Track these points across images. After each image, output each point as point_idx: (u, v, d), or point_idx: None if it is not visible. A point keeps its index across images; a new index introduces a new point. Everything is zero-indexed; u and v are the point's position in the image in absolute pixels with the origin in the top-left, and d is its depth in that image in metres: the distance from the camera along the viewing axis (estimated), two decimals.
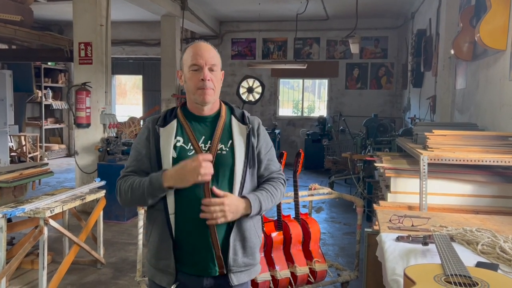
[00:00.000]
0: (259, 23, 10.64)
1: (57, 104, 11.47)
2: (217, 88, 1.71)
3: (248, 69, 10.41)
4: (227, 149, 1.70)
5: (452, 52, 4.71)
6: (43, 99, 10.92)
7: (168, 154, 1.67)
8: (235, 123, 1.75)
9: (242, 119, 1.77)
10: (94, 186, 4.24)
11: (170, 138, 1.70)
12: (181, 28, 8.80)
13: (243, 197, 1.66)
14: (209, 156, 1.60)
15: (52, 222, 3.45)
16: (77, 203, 3.79)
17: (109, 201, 4.41)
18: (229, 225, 1.67)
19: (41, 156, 10.42)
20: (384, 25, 10.32)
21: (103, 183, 4.34)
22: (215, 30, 10.78)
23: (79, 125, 6.07)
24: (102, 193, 4.15)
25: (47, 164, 4.49)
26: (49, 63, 11.01)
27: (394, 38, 10.43)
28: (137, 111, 12.47)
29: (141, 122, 8.85)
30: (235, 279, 1.68)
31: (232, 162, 1.69)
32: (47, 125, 11.35)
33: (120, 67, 12.05)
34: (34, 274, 3.88)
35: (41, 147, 10.73)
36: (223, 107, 1.79)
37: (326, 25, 10.39)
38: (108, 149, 5.88)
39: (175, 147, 1.69)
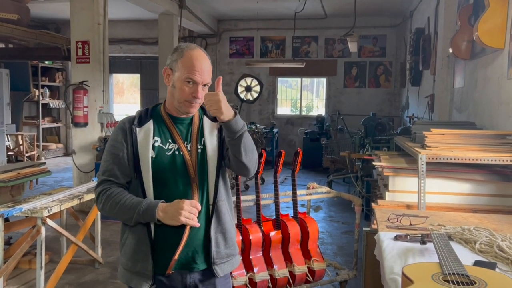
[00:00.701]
0: (257, 21, 10.63)
1: (54, 103, 11.45)
2: (202, 101, 1.71)
3: (246, 68, 10.41)
4: (201, 147, 1.75)
5: (451, 50, 4.72)
6: (40, 98, 10.90)
7: (147, 154, 1.68)
8: (206, 122, 1.78)
9: (213, 117, 1.76)
10: (92, 185, 4.24)
11: (148, 138, 1.70)
12: (179, 26, 8.80)
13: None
14: (197, 205, 1.62)
15: (49, 222, 3.44)
16: (75, 202, 3.78)
17: None
18: (208, 219, 1.70)
19: (38, 156, 10.41)
20: (382, 24, 10.33)
21: None
22: (213, 28, 10.78)
23: (76, 124, 6.07)
24: None
25: (44, 163, 4.49)
26: (46, 62, 10.99)
27: (393, 36, 10.44)
28: (135, 110, 12.46)
29: None
30: (219, 270, 1.72)
31: (206, 159, 1.73)
32: (44, 124, 11.33)
33: (118, 65, 12.04)
34: (32, 274, 3.87)
35: (38, 146, 10.72)
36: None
37: (325, 24, 10.39)
38: None
39: (153, 147, 1.69)
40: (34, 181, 4.23)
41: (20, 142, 9.95)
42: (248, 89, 10.42)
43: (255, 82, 10.36)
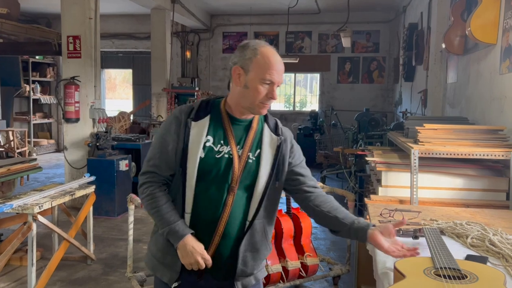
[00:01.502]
0: (250, 16, 10.60)
1: (45, 99, 11.36)
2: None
3: None
4: (253, 159, 1.64)
5: (444, 46, 4.73)
6: (31, 93, 10.80)
7: (196, 153, 1.59)
8: (266, 132, 1.68)
9: (275, 129, 1.71)
10: (84, 182, 4.22)
11: (201, 136, 1.61)
12: (171, 21, 8.75)
13: None
14: (209, 263, 1.59)
15: (40, 218, 3.42)
16: (67, 198, 3.76)
17: (99, 196, 4.39)
18: (241, 234, 1.64)
19: (29, 152, 10.32)
20: (375, 19, 10.34)
21: (92, 178, 4.31)
22: (206, 23, 10.73)
23: (68, 120, 6.03)
24: (92, 188, 4.12)
25: (35, 159, 4.46)
26: (37, 57, 10.89)
27: (386, 32, 10.46)
28: (127, 105, 12.41)
29: (131, 117, 8.80)
30: (240, 285, 1.68)
31: (256, 172, 1.63)
32: (35, 120, 11.24)
33: (110, 61, 11.96)
34: (23, 270, 3.86)
35: (29, 142, 10.63)
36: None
37: (318, 19, 10.38)
38: (97, 144, 5.84)
39: (204, 146, 1.60)
40: (25, 178, 4.21)
41: (11, 138, 9.85)
42: None
43: None
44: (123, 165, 5.75)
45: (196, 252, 1.56)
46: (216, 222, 1.61)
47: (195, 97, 8.29)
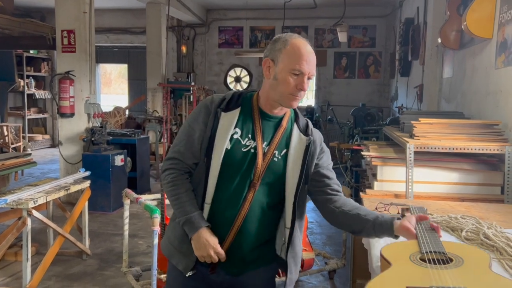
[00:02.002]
0: (246, 11, 10.56)
1: (40, 94, 11.30)
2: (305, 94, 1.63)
3: (236, 58, 10.35)
4: (279, 157, 1.62)
5: (439, 40, 4.74)
6: (26, 88, 10.74)
7: (223, 143, 1.57)
8: (296, 132, 1.65)
9: (305, 130, 1.67)
10: (79, 177, 4.21)
11: (229, 127, 1.58)
12: (167, 15, 8.70)
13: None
14: (222, 256, 1.58)
15: (35, 213, 3.41)
16: (61, 193, 3.75)
17: (94, 191, 4.38)
18: (258, 231, 1.64)
19: (24, 147, 10.28)
20: (372, 14, 10.33)
21: (87, 173, 4.30)
22: (201, 18, 10.69)
23: (62, 115, 6.00)
24: (87, 183, 4.11)
25: (30, 154, 4.44)
26: (31, 51, 10.82)
27: (382, 26, 10.45)
28: (122, 100, 12.36)
29: (126, 112, 8.78)
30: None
31: (283, 172, 1.62)
32: (30, 115, 11.18)
33: (105, 55, 11.90)
34: (18, 266, 3.84)
35: (24, 137, 10.58)
36: (288, 110, 1.69)
37: (314, 14, 10.36)
38: (92, 139, 5.82)
39: (231, 138, 1.59)
40: (19, 173, 4.19)
41: (5, 133, 9.80)
42: (238, 79, 10.39)
43: (244, 72, 10.35)
44: (119, 160, 5.74)
45: (209, 245, 1.55)
46: (235, 216, 1.59)
47: (191, 92, 8.26)
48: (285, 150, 1.63)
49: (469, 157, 3.06)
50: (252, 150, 1.60)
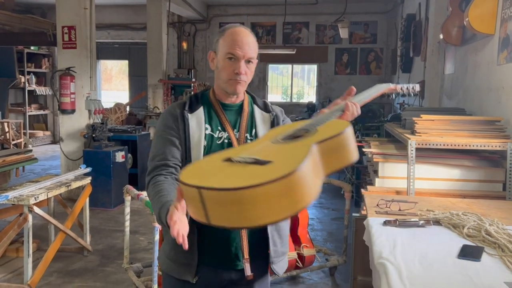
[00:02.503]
0: (247, 7, 10.53)
1: (41, 90, 11.29)
2: (249, 80, 1.65)
3: None
4: (252, 138, 1.67)
5: (441, 36, 4.72)
6: (26, 84, 10.73)
7: (199, 142, 1.60)
8: (257, 111, 1.72)
9: (265, 108, 1.74)
10: (80, 173, 4.21)
11: (201, 126, 1.63)
12: (167, 11, 8.68)
13: None
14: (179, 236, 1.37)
15: (36, 209, 3.42)
16: (63, 190, 3.76)
17: (95, 188, 4.38)
18: None
19: (25, 143, 10.29)
20: (373, 10, 10.29)
21: (88, 169, 4.30)
22: (202, 14, 10.66)
23: (63, 111, 6.00)
24: (88, 180, 4.11)
25: (31, 150, 4.44)
26: (32, 48, 10.81)
27: (384, 23, 10.42)
28: (123, 97, 12.34)
29: (127, 108, 8.78)
30: (278, 269, 1.68)
31: None
32: (31, 111, 11.18)
33: (106, 51, 11.88)
34: (19, 262, 3.85)
35: (25, 134, 10.59)
36: (246, 96, 1.74)
37: (315, 9, 10.33)
38: (93, 135, 5.82)
39: (204, 135, 1.62)
40: (20, 169, 4.20)
41: (6, 129, 9.80)
42: None
43: None
44: (120, 156, 5.74)
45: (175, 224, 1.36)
46: None
47: (192, 88, 8.26)
48: (254, 130, 1.69)
49: (471, 153, 3.05)
50: (226, 140, 1.65)
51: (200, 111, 1.66)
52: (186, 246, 1.31)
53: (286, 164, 1.09)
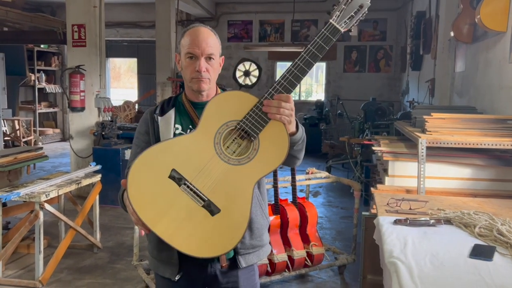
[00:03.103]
0: (255, 4, 10.53)
1: (50, 88, 11.38)
2: (213, 77, 1.67)
3: (245, 52, 10.34)
4: None
5: (452, 34, 4.68)
6: (36, 82, 10.83)
7: None
8: None
9: None
10: (90, 170, 4.24)
11: (169, 126, 1.67)
12: (176, 9, 8.70)
13: None
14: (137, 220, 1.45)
15: (47, 207, 3.46)
16: (73, 187, 3.79)
17: (105, 185, 4.41)
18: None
19: (35, 141, 10.38)
20: (383, 7, 10.23)
21: (98, 167, 4.34)
22: (211, 11, 10.67)
23: (73, 109, 6.04)
24: (98, 177, 4.15)
25: (41, 148, 4.48)
26: (41, 46, 10.90)
27: (393, 20, 10.36)
28: (132, 94, 12.41)
29: (136, 106, 8.82)
30: (243, 261, 1.67)
31: None
32: (40, 109, 11.28)
33: (115, 49, 11.95)
34: (31, 258, 3.90)
35: (35, 131, 10.69)
36: (219, 91, 1.76)
37: (324, 7, 10.27)
38: (103, 133, 5.86)
39: (174, 134, 1.66)
40: (31, 166, 4.24)
41: (17, 127, 9.91)
42: (247, 73, 10.37)
43: (253, 66, 10.32)
44: (129, 154, 5.77)
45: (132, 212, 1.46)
46: None
47: None
48: None
49: (482, 152, 3.03)
50: None
51: (171, 113, 1.70)
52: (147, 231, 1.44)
53: (233, 223, 1.38)
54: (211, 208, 1.39)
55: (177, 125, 1.69)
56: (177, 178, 1.40)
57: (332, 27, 1.45)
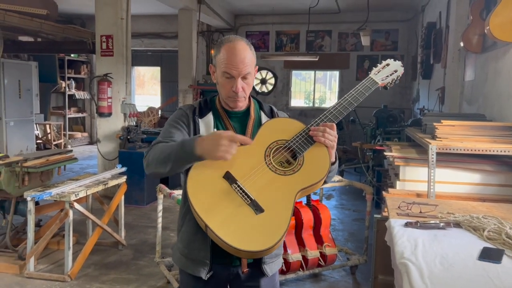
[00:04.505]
0: (272, 16, 10.56)
1: (79, 94, 11.60)
2: (248, 93, 1.64)
3: (262, 61, 10.36)
4: None
5: (462, 44, 4.63)
6: (67, 89, 11.05)
7: None
8: (264, 118, 1.71)
9: (271, 114, 1.73)
10: (116, 172, 4.31)
11: (210, 129, 1.63)
12: (197, 21, 8.79)
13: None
14: (236, 138, 1.42)
15: (76, 205, 3.52)
16: (100, 187, 3.85)
17: (129, 186, 4.47)
18: None
19: (64, 144, 10.58)
20: (394, 18, 10.17)
21: (124, 169, 4.40)
22: (230, 23, 10.74)
23: (101, 114, 6.14)
24: (124, 178, 4.20)
25: (71, 150, 4.57)
26: (72, 55, 11.12)
27: (404, 31, 10.28)
28: (155, 101, 12.54)
29: (159, 112, 8.92)
30: (269, 269, 1.66)
31: None
32: (70, 114, 11.49)
33: (139, 59, 12.11)
34: (60, 254, 3.97)
35: (65, 135, 10.90)
36: (252, 102, 1.73)
37: (338, 18, 10.27)
38: (128, 137, 5.94)
39: None
40: (62, 168, 4.31)
41: (48, 131, 10.11)
42: (263, 81, 10.40)
43: (270, 75, 10.34)
44: None
45: (216, 136, 1.40)
46: None
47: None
48: None
49: (491, 158, 2.99)
50: None
51: (209, 116, 1.66)
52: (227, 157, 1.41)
53: (274, 224, 1.41)
54: (256, 207, 1.42)
55: (214, 129, 1.65)
56: (230, 178, 1.46)
57: (371, 80, 1.77)
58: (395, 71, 1.80)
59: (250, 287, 1.67)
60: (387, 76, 1.78)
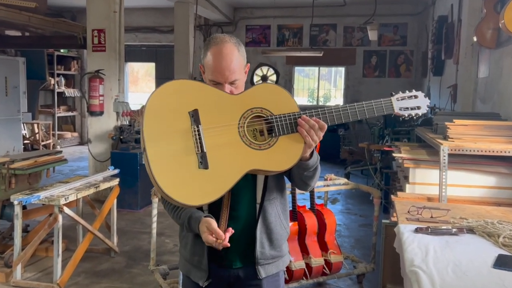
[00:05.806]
0: (274, 9, 10.56)
1: (69, 92, 11.61)
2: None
3: (263, 57, 10.37)
4: None
5: (475, 39, 4.63)
6: (56, 86, 11.06)
7: None
8: None
9: None
10: (108, 174, 4.30)
11: None
12: (194, 14, 8.79)
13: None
14: (218, 234, 1.50)
15: (66, 210, 3.51)
16: (91, 191, 3.85)
17: (122, 189, 4.47)
18: (254, 219, 1.67)
19: (54, 144, 10.58)
20: (403, 12, 10.17)
21: (116, 171, 4.39)
22: (229, 16, 10.75)
23: (92, 113, 6.14)
24: (116, 181, 4.20)
25: (61, 151, 4.57)
26: (61, 51, 11.13)
27: (414, 25, 10.28)
28: None
29: None
30: (263, 271, 1.69)
31: None
32: (59, 113, 11.51)
33: (133, 54, 12.11)
34: (49, 261, 3.97)
35: (54, 135, 10.89)
36: None
37: (343, 11, 10.27)
38: (121, 137, 5.94)
39: None
40: (50, 170, 4.31)
41: (36, 130, 10.12)
42: (264, 78, 10.39)
43: (271, 71, 10.34)
44: None
45: (203, 231, 1.54)
46: (219, 206, 1.62)
47: None
48: None
49: (506, 160, 2.98)
50: None
51: None
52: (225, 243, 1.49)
53: (207, 187, 1.41)
54: (202, 160, 1.42)
55: None
56: (195, 117, 1.45)
57: (389, 104, 1.66)
58: (418, 108, 1.67)
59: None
60: (408, 108, 1.66)
